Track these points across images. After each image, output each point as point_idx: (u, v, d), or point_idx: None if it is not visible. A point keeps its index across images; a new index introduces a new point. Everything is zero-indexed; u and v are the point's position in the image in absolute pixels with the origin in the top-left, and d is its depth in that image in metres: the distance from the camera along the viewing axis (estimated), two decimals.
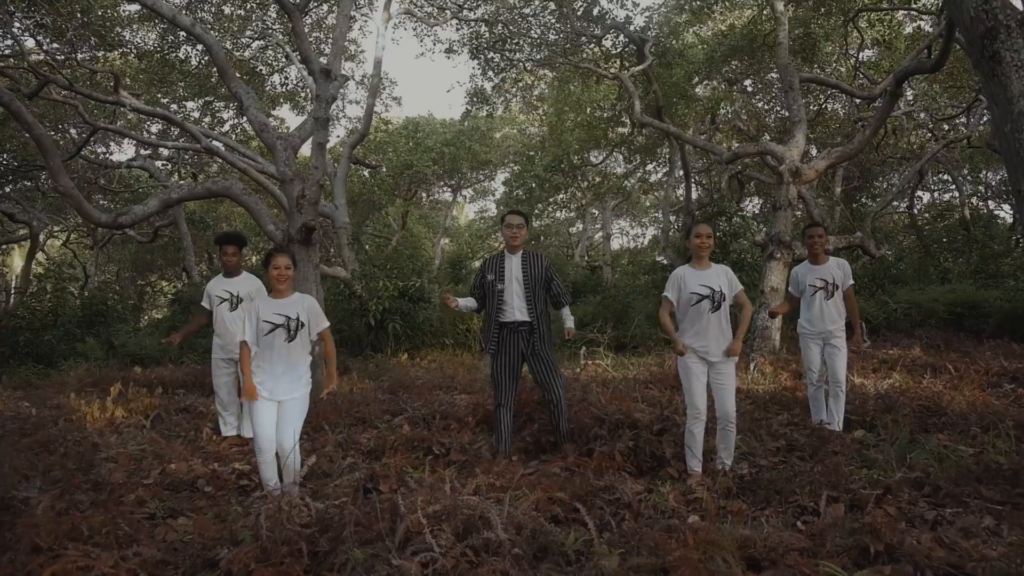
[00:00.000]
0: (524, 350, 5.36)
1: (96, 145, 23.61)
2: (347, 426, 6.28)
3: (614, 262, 29.12)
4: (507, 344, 5.35)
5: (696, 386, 4.77)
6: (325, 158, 10.26)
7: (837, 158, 10.49)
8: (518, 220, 5.46)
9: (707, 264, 4.95)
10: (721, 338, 4.80)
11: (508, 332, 5.35)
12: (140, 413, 7.70)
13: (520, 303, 5.34)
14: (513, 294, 5.34)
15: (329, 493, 3.85)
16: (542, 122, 25.30)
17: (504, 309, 5.36)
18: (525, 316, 5.34)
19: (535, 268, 5.44)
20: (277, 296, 4.60)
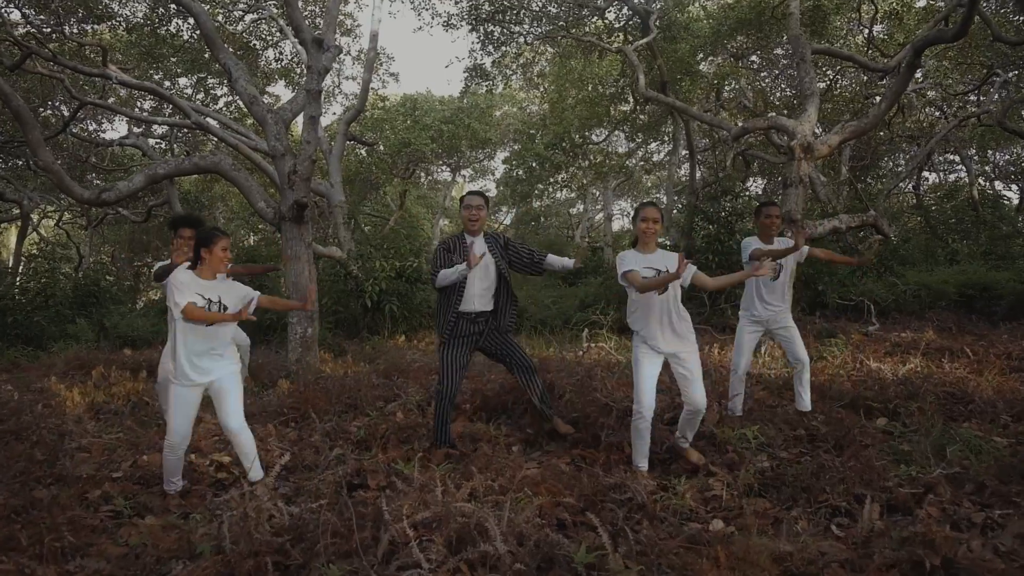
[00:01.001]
0: (477, 340, 5.01)
1: (88, 122, 23.15)
2: (337, 413, 5.92)
3: (615, 243, 28.71)
4: (461, 333, 4.95)
5: (645, 378, 4.31)
6: (318, 132, 9.85)
7: (851, 133, 10.05)
8: (478, 201, 5.03)
9: (653, 248, 4.55)
10: (672, 327, 4.38)
11: (465, 322, 4.93)
12: (122, 398, 7.35)
13: (481, 290, 4.93)
14: (475, 280, 4.90)
15: (308, 491, 3.49)
16: (542, 99, 24.78)
17: (463, 296, 4.90)
18: (487, 305, 4.96)
19: (496, 248, 5.04)
20: (204, 276, 4.22)
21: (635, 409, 4.28)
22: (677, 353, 4.35)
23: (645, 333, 4.36)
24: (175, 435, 4.07)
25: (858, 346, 10.32)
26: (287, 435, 5.37)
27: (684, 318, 4.42)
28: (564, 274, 5.02)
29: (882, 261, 16.71)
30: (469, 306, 4.90)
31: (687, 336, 4.40)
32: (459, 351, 4.93)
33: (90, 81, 17.69)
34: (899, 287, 15.14)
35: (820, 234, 10.07)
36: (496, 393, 5.77)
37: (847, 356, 8.55)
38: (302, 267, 9.62)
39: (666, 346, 4.33)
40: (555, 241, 25.93)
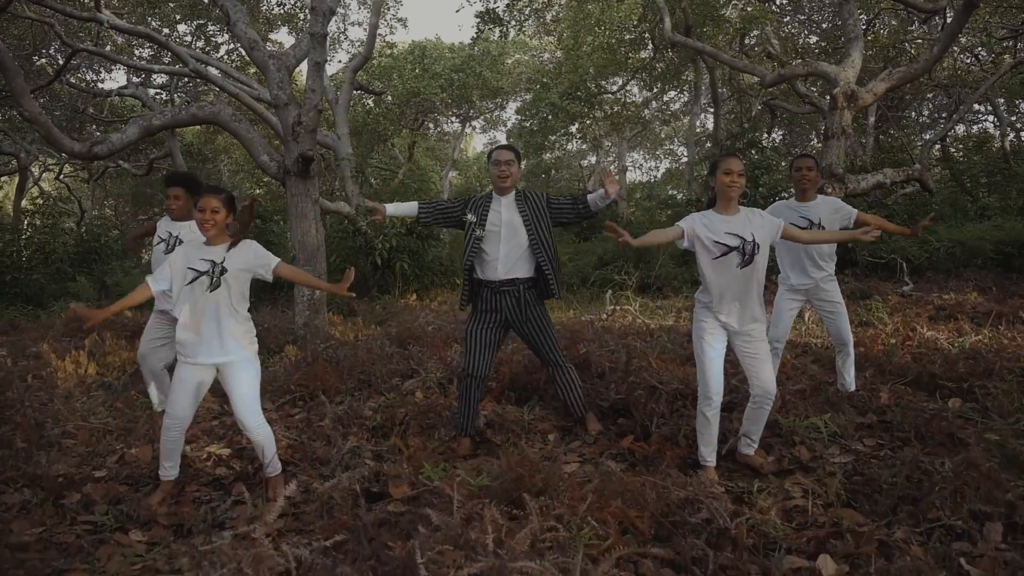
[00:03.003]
0: (511, 315, 4.35)
1: (85, 72, 22.35)
2: (349, 392, 5.36)
3: (628, 196, 27.93)
4: (488, 305, 4.36)
5: (712, 359, 3.69)
6: (323, 80, 9.13)
7: (899, 80, 9.29)
8: (507, 156, 4.41)
9: (735, 209, 3.81)
10: (750, 303, 3.71)
11: (490, 293, 4.34)
12: (116, 369, 6.83)
13: (510, 255, 4.31)
14: (500, 243, 4.30)
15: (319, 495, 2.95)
16: (556, 47, 23.77)
17: (485, 263, 4.34)
18: (521, 271, 4.33)
19: (534, 206, 4.41)
20: (210, 243, 3.65)
21: (702, 394, 3.68)
22: (749, 331, 3.73)
23: (717, 308, 3.71)
24: (169, 416, 3.54)
25: (897, 308, 9.71)
26: (294, 418, 4.83)
27: (757, 302, 3.78)
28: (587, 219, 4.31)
29: (913, 217, 15.99)
30: (491, 273, 4.30)
31: (761, 313, 3.77)
32: (482, 327, 4.34)
33: (85, 27, 16.90)
34: (932, 244, 14.43)
35: (863, 189, 9.41)
36: (525, 370, 5.20)
37: (898, 323, 7.92)
38: (309, 225, 9.02)
39: (739, 323, 3.71)
40: (567, 193, 25.10)
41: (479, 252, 4.34)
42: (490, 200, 4.44)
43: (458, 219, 4.48)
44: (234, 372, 3.56)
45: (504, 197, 4.43)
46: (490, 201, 4.43)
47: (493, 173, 4.44)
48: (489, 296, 4.32)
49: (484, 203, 4.43)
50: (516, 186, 4.51)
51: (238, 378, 3.55)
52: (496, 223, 4.33)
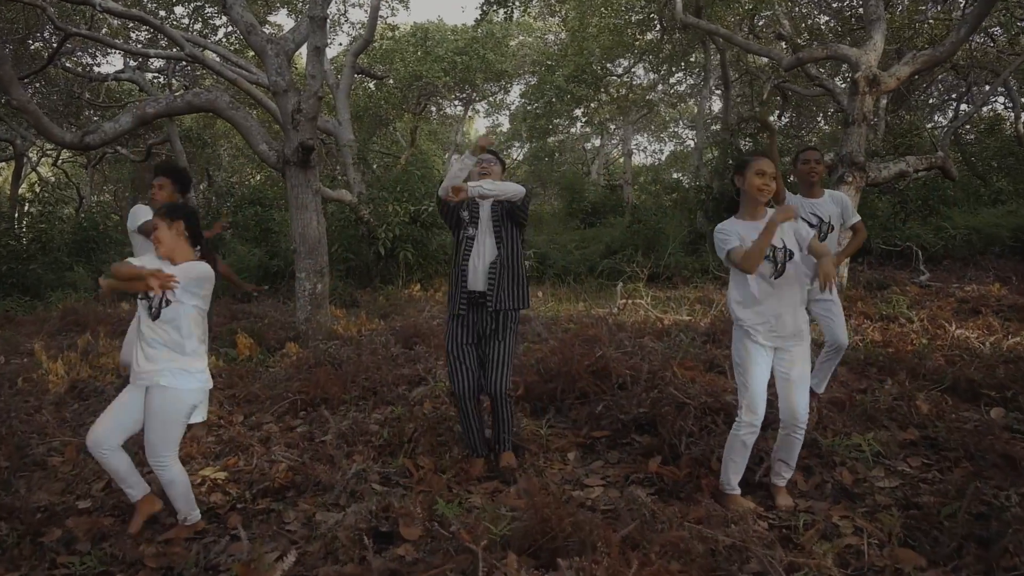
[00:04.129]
0: (488, 324, 3.95)
1: (81, 56, 21.91)
2: (353, 401, 5.06)
3: (633, 180, 27.51)
4: (471, 315, 3.97)
5: (757, 378, 3.32)
6: (324, 65, 8.79)
7: (924, 63, 8.90)
8: (489, 160, 4.12)
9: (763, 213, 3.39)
10: (788, 318, 3.33)
11: (476, 307, 3.96)
12: (111, 372, 6.54)
13: (484, 262, 3.93)
14: (483, 247, 3.95)
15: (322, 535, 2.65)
16: (562, 28, 23.27)
17: (469, 267, 3.94)
18: (481, 285, 3.92)
19: (502, 208, 4.02)
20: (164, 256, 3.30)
21: (743, 418, 3.31)
22: (789, 348, 3.39)
23: (753, 322, 3.34)
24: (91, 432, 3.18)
25: (918, 301, 9.40)
26: (295, 432, 4.53)
27: (801, 305, 3.45)
28: None
29: (927, 203, 15.61)
30: (472, 282, 3.94)
31: (802, 329, 3.42)
32: (468, 330, 3.96)
33: (79, 11, 16.48)
34: (948, 231, 14.07)
35: (885, 178, 9.06)
36: (540, 380, 4.90)
37: (924, 318, 7.60)
38: (310, 216, 8.71)
39: (777, 340, 3.35)
40: (571, 180, 24.66)
41: (466, 255, 3.96)
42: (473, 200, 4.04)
43: (456, 213, 4.06)
44: (152, 401, 3.16)
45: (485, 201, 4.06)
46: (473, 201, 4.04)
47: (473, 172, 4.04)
48: (472, 309, 3.95)
49: (472, 202, 4.02)
50: None
51: (153, 410, 3.15)
52: (484, 220, 4.01)
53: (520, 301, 3.98)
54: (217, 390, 5.75)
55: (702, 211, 15.29)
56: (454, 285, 3.99)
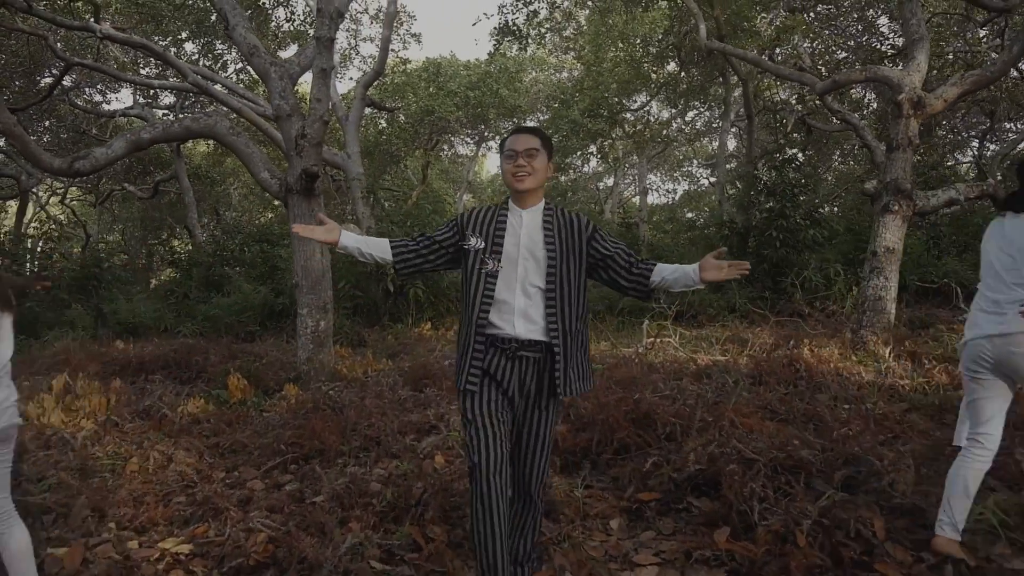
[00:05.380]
0: (527, 390, 2.76)
1: (89, 92, 21.69)
2: (353, 453, 4.35)
3: (648, 218, 26.93)
4: (500, 374, 2.72)
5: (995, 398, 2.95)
6: (330, 89, 8.25)
7: (972, 84, 8.29)
8: (529, 141, 2.76)
9: None
10: None
11: (503, 358, 2.71)
12: (87, 416, 5.86)
13: (531, 303, 2.72)
14: (517, 283, 2.72)
15: None
16: (576, 62, 22.90)
17: (498, 311, 2.72)
18: (538, 333, 2.71)
19: (569, 233, 2.79)
20: None
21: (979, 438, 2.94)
22: None
23: None
24: None
25: None
26: (283, 491, 3.82)
27: None
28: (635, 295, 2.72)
29: (960, 238, 14.95)
30: (507, 327, 2.71)
31: None
32: (490, 401, 2.70)
33: (85, 44, 16.21)
34: None
35: (934, 206, 8.39)
36: (571, 429, 4.18)
37: None
38: (313, 249, 8.10)
39: None
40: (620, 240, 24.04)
41: (492, 296, 2.72)
42: (505, 211, 2.82)
43: (454, 252, 2.84)
44: None
45: (526, 208, 2.81)
46: (505, 213, 2.82)
47: (507, 169, 2.78)
48: (501, 361, 2.71)
49: (493, 217, 2.82)
50: (543, 193, 2.86)
51: None
52: (514, 245, 2.75)
53: (587, 380, 2.87)
54: (199, 438, 5.08)
55: (726, 247, 14.63)
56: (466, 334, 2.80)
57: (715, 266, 2.68)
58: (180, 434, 5.22)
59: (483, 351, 2.72)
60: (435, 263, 2.88)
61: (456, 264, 2.88)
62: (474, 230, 2.80)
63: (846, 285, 12.39)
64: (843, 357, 7.54)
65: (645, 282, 2.78)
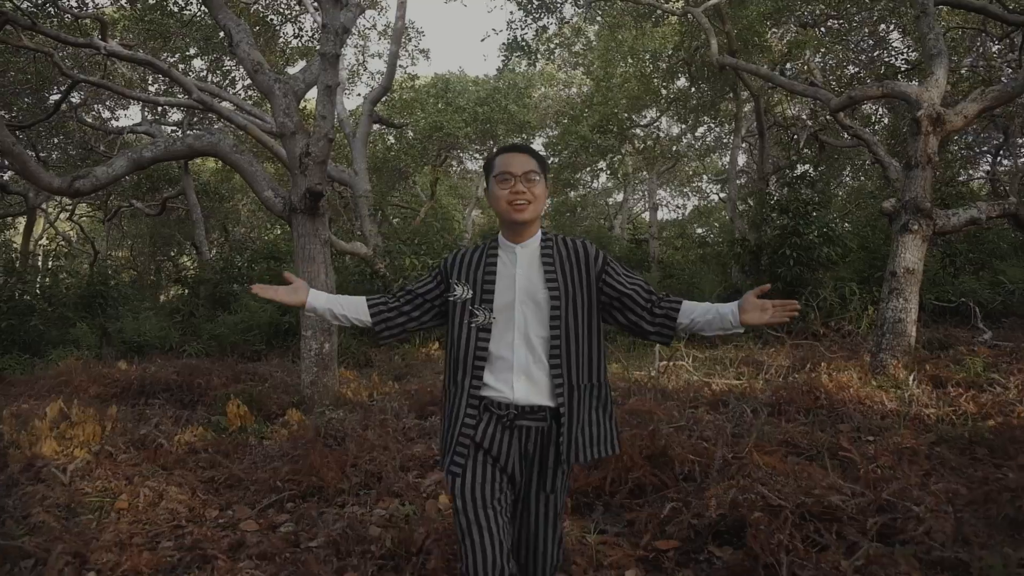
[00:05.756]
0: (531, 465, 2.34)
1: (101, 110, 21.71)
2: (353, 491, 4.13)
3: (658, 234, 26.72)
4: (495, 447, 2.29)
5: None
6: (335, 106, 8.10)
7: (993, 100, 8.07)
8: (527, 164, 2.35)
9: None
10: None
11: (498, 427, 2.29)
12: (80, 446, 5.66)
13: (534, 357, 2.30)
14: (515, 334, 2.31)
15: None
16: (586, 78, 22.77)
17: (493, 370, 2.31)
18: (543, 396, 2.29)
19: (574, 267, 2.37)
20: None
21: None
22: None
23: None
24: None
25: (992, 364, 8.36)
26: (277, 535, 3.60)
27: None
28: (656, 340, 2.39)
29: (971, 254, 14.67)
30: (505, 391, 2.29)
31: None
32: (484, 483, 2.26)
33: (94, 62, 16.18)
34: (1005, 286, 13.07)
35: (955, 226, 8.14)
36: (584, 468, 3.95)
37: (1019, 384, 6.58)
38: (318, 269, 7.92)
39: None
40: (597, 236, 23.88)
41: (486, 352, 2.31)
42: (495, 250, 2.42)
43: (442, 305, 2.46)
44: None
45: (520, 244, 2.38)
46: (495, 251, 2.41)
47: (498, 196, 2.33)
48: (496, 431, 2.28)
49: (481, 259, 2.41)
50: (541, 222, 2.47)
51: None
52: (508, 291, 2.34)
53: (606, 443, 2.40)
54: (194, 471, 4.87)
55: (738, 265, 14.40)
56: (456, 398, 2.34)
57: (757, 306, 2.27)
58: (175, 465, 5.02)
59: (475, 420, 2.27)
60: (421, 320, 2.49)
61: (436, 321, 2.50)
62: (459, 277, 2.39)
63: (861, 304, 12.13)
64: (863, 382, 7.28)
65: (671, 324, 2.35)
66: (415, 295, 2.47)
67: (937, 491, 3.63)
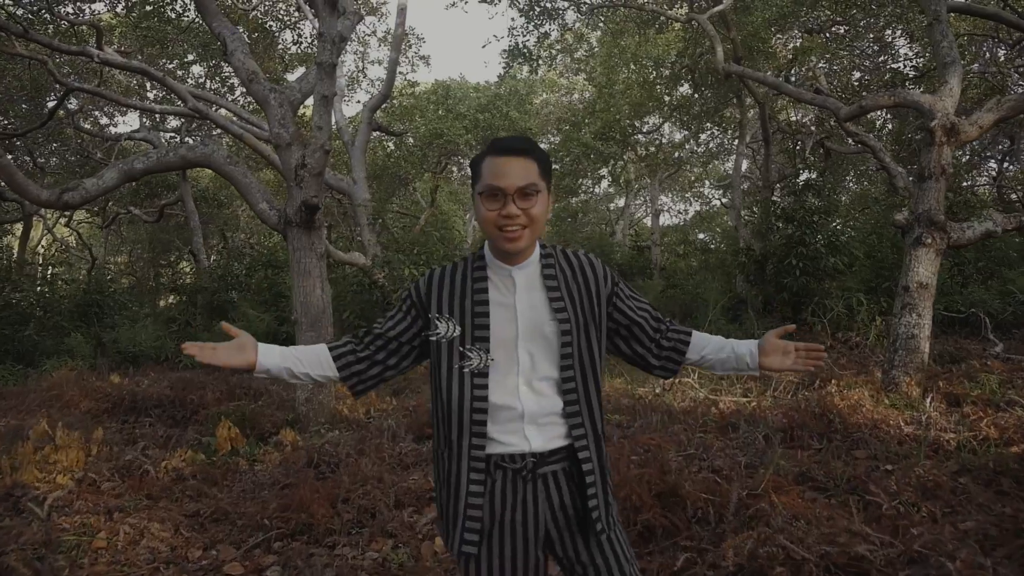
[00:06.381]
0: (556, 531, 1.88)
1: (98, 115, 21.52)
2: (345, 529, 3.90)
3: (660, 240, 26.49)
4: (517, 510, 1.86)
5: None
6: (331, 116, 7.89)
7: (1010, 110, 7.85)
8: (525, 174, 1.81)
9: None
10: None
11: (516, 482, 1.86)
12: (63, 472, 5.43)
13: (543, 403, 1.88)
14: (519, 378, 1.88)
15: None
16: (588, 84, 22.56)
17: (496, 422, 1.87)
18: (561, 436, 1.89)
19: (581, 289, 1.95)
20: None
21: None
22: None
23: None
24: None
25: (1007, 380, 8.12)
26: None
27: None
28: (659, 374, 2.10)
29: (988, 265, 14.45)
30: (516, 441, 1.87)
31: None
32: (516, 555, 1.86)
33: (91, 68, 15.99)
34: (1016, 296, 12.84)
35: (970, 239, 7.90)
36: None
37: None
38: (313, 283, 7.71)
39: None
40: (599, 243, 23.65)
41: (485, 404, 1.86)
42: (483, 271, 1.94)
43: (421, 345, 1.98)
44: None
45: (517, 266, 1.92)
46: (484, 274, 1.94)
47: (485, 217, 1.84)
48: (512, 490, 1.86)
49: (466, 284, 1.94)
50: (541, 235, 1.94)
51: None
52: (509, 325, 1.89)
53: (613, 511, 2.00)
54: (181, 501, 4.64)
55: (742, 274, 14.18)
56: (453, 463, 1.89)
57: (780, 349, 2.00)
58: (160, 495, 4.79)
59: (483, 486, 1.83)
60: (400, 368, 2.01)
61: (414, 360, 2.02)
62: (441, 309, 1.91)
63: (869, 315, 11.92)
64: (875, 400, 7.04)
65: (678, 359, 2.05)
66: (386, 339, 1.97)
67: (968, 531, 3.41)
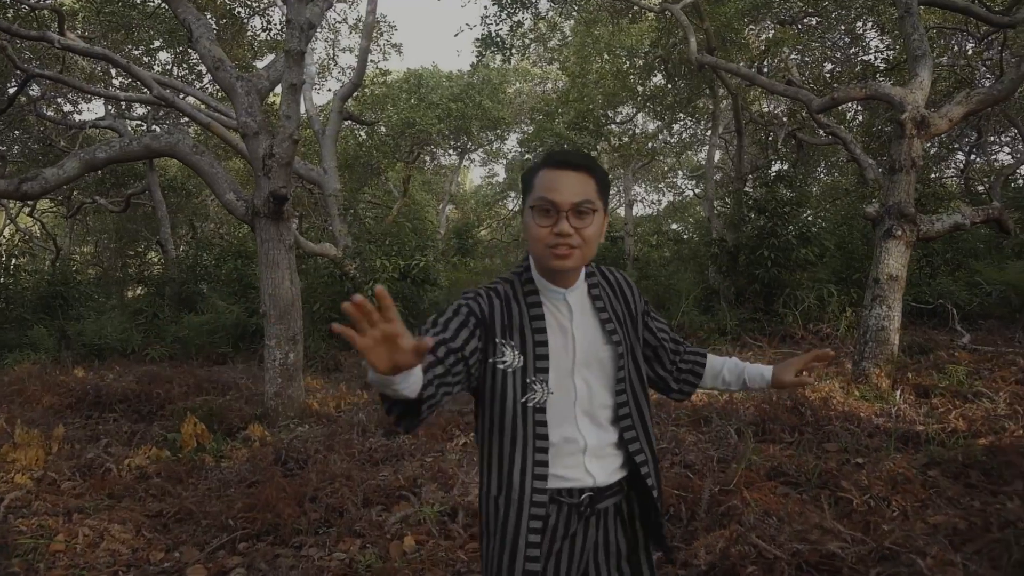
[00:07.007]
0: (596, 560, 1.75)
1: (62, 102, 21.01)
2: (312, 529, 3.82)
3: (633, 231, 26.53)
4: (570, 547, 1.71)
5: None
6: (300, 105, 7.75)
7: (979, 103, 7.91)
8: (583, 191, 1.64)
9: None
10: None
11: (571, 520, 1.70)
12: (21, 472, 5.28)
13: (602, 434, 1.74)
14: (577, 409, 1.71)
15: None
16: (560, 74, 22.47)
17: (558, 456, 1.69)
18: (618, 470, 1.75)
19: (623, 308, 1.83)
20: None
21: None
22: None
23: None
24: None
25: (974, 371, 8.22)
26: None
27: None
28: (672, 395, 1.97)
29: (954, 257, 14.62)
30: (577, 475, 1.71)
31: None
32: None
33: (55, 54, 15.58)
34: (982, 287, 13.00)
35: (939, 232, 7.98)
36: None
37: (1006, 397, 6.40)
38: (282, 275, 7.59)
39: None
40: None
41: (546, 442, 1.68)
42: (536, 296, 1.74)
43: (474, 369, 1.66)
44: None
45: (569, 289, 1.75)
46: (538, 299, 1.74)
47: (535, 235, 1.66)
48: (567, 528, 1.71)
49: (521, 307, 1.73)
50: None
51: None
52: (566, 354, 1.72)
53: None
54: (144, 501, 4.52)
55: (715, 265, 14.23)
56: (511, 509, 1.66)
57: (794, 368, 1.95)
58: (123, 494, 4.67)
59: (540, 531, 1.65)
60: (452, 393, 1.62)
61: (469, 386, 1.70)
62: (506, 334, 1.69)
63: (839, 307, 12.01)
64: (846, 392, 7.09)
65: (696, 382, 1.97)
66: (461, 356, 1.60)
67: (937, 525, 3.41)
